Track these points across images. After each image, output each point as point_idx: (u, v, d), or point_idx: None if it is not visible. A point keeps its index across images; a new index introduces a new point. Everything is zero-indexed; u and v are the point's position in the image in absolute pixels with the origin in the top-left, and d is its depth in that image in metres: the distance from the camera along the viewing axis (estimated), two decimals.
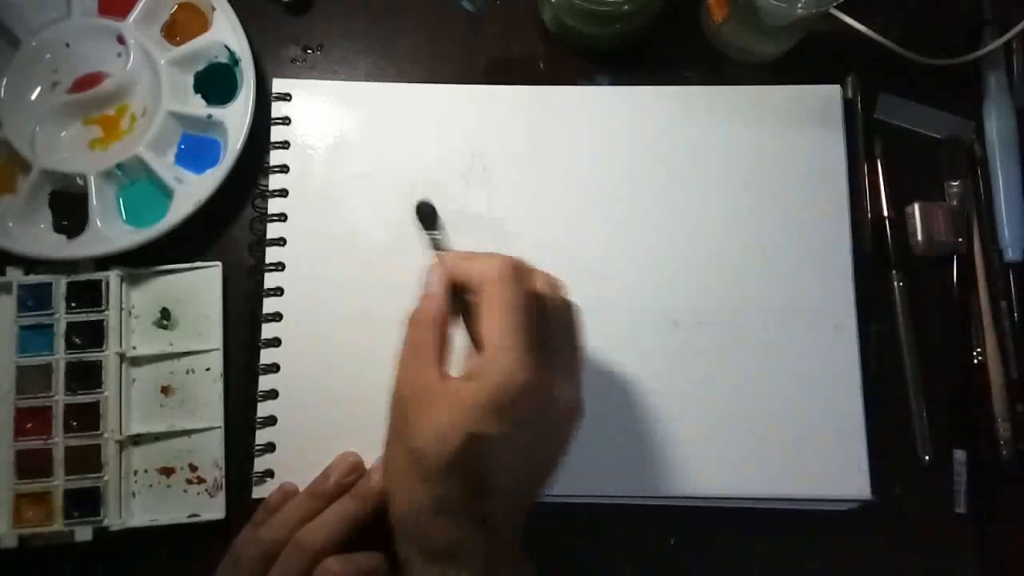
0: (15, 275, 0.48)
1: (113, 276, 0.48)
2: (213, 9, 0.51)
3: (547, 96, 0.51)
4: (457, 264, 0.38)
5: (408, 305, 0.48)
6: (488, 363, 0.34)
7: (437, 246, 0.40)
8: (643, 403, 0.47)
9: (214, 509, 0.47)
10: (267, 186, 0.50)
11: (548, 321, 0.36)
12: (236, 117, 0.50)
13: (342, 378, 0.47)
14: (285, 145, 0.50)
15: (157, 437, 0.48)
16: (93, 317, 0.48)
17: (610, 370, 0.48)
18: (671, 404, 0.47)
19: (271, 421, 0.47)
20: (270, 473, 0.46)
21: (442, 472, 0.33)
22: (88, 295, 0.48)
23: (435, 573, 0.34)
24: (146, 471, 0.47)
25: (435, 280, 0.38)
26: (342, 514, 0.42)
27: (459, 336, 0.39)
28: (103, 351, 0.47)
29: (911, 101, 0.53)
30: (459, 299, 0.38)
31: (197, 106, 0.51)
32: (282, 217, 0.49)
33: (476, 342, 0.36)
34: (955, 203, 0.52)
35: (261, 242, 0.49)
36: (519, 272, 0.36)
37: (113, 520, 0.46)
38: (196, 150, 0.51)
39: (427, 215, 0.41)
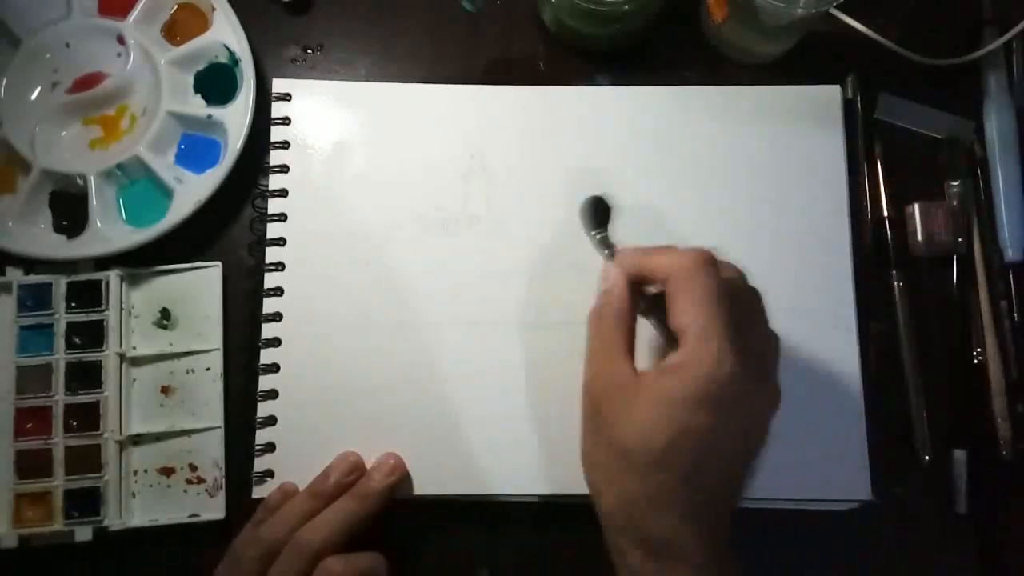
0: (15, 275, 0.48)
1: (113, 276, 0.48)
2: (213, 9, 0.51)
3: (547, 96, 0.51)
4: (639, 259, 0.38)
5: (409, 305, 0.48)
6: (690, 355, 0.34)
7: (608, 244, 0.39)
8: None
9: (214, 509, 0.47)
10: (267, 186, 0.50)
11: (740, 310, 0.36)
12: (236, 117, 0.50)
13: (342, 378, 0.47)
14: (285, 145, 0.50)
15: (157, 437, 0.48)
16: (93, 317, 0.48)
17: None
18: None
19: (271, 421, 0.47)
20: (270, 473, 0.46)
21: (652, 466, 0.33)
22: (88, 295, 0.48)
23: (651, 568, 0.34)
24: (146, 471, 0.47)
25: (615, 275, 0.38)
26: (342, 514, 0.43)
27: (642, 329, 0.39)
28: (103, 351, 0.47)
29: (911, 101, 0.53)
30: (640, 294, 0.38)
31: (197, 106, 0.51)
32: (282, 217, 0.49)
33: (668, 334, 0.36)
34: (955, 203, 0.52)
35: (261, 242, 0.49)
36: (710, 262, 0.36)
37: (113, 520, 0.46)
38: (196, 150, 0.51)
39: (599, 212, 0.40)
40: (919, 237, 0.51)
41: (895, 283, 0.50)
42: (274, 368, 0.47)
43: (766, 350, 0.37)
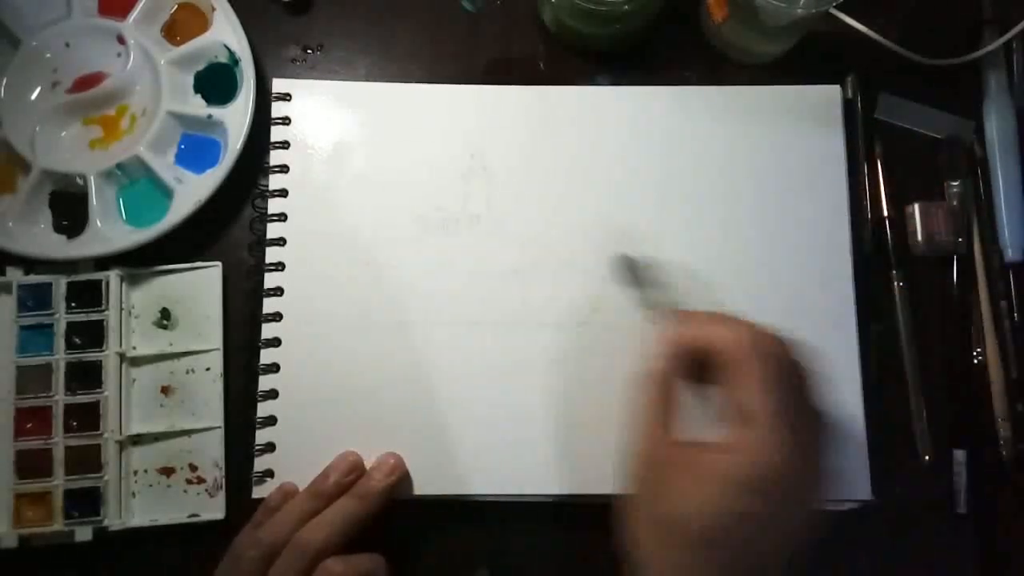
0: (15, 275, 0.48)
1: (113, 276, 0.48)
2: (213, 9, 0.51)
3: (547, 96, 0.51)
4: (692, 328, 0.37)
5: (409, 305, 0.48)
6: (753, 439, 0.33)
7: (655, 304, 0.38)
8: None
9: (214, 509, 0.47)
10: (267, 186, 0.50)
11: (796, 393, 0.35)
12: (236, 117, 0.50)
13: (342, 378, 0.47)
14: (285, 145, 0.50)
15: (157, 437, 0.48)
16: (93, 317, 0.48)
17: (612, 370, 0.47)
18: None
19: (271, 421, 0.47)
20: (270, 473, 0.46)
21: (703, 541, 0.33)
22: (88, 295, 0.48)
23: None
24: (146, 471, 0.47)
25: (665, 342, 0.37)
26: (342, 514, 0.43)
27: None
28: (103, 351, 0.47)
29: (911, 101, 0.53)
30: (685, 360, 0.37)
31: (197, 106, 0.51)
32: (282, 217, 0.49)
33: (725, 408, 0.35)
34: (955, 203, 0.52)
35: (261, 242, 0.49)
36: (774, 343, 0.35)
37: (113, 520, 0.46)
38: (196, 150, 0.51)
39: (631, 269, 0.39)
40: (919, 237, 0.51)
41: (895, 283, 0.50)
42: (274, 368, 0.47)
43: (819, 434, 0.36)
